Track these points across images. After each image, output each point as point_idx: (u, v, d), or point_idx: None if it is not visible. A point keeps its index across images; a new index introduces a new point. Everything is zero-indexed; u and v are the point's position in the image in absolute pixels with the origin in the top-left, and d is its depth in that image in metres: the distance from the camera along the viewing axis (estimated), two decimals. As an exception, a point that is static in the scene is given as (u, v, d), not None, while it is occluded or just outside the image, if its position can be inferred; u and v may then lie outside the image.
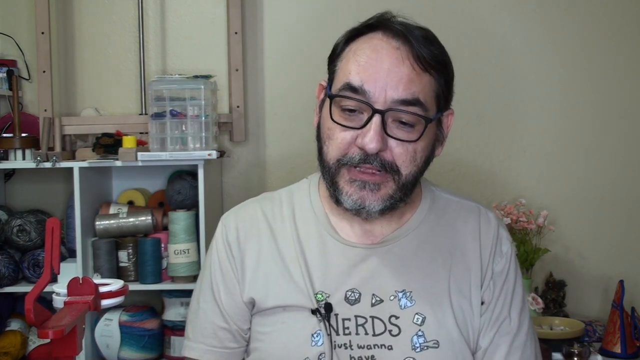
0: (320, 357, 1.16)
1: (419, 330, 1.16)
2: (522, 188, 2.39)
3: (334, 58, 1.21)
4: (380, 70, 1.12)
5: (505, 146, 2.41)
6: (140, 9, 2.35)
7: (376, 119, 1.11)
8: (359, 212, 1.17)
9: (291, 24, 2.40)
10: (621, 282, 2.15)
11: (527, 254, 2.21)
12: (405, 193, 1.17)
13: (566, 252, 2.39)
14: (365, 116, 1.13)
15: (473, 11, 2.40)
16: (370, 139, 1.10)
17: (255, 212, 1.28)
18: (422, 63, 1.13)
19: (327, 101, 1.17)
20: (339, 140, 1.14)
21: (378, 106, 1.11)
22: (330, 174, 1.17)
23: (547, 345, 1.98)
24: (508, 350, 1.20)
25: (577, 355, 1.95)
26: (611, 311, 2.14)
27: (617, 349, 2.09)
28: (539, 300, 2.19)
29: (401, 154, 1.13)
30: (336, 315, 1.17)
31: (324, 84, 1.23)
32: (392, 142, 1.13)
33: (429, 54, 1.14)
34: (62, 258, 2.17)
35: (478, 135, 2.40)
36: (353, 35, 1.19)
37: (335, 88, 1.17)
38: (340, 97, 1.14)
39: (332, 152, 1.16)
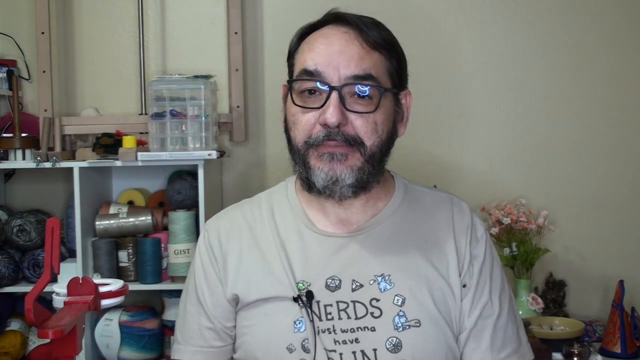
0: (304, 342, 1.19)
1: (400, 310, 1.20)
2: (522, 188, 2.39)
3: (289, 56, 1.28)
4: (332, 52, 1.19)
5: (505, 146, 2.41)
6: (140, 9, 2.35)
7: (334, 94, 1.17)
8: (332, 190, 1.20)
9: (291, 23, 2.38)
10: (621, 282, 2.15)
11: (527, 254, 2.21)
12: (373, 166, 1.21)
13: (566, 252, 2.39)
14: (324, 96, 1.18)
15: (467, 13, 2.40)
16: (330, 113, 1.16)
17: (236, 216, 1.34)
18: (370, 42, 1.20)
19: (289, 91, 1.24)
20: (303, 122, 1.20)
21: (334, 84, 1.18)
22: (301, 157, 1.22)
23: (547, 345, 1.98)
24: (493, 331, 1.24)
25: (577, 355, 1.95)
26: (611, 311, 2.15)
27: (617, 349, 2.09)
28: (539, 300, 2.19)
29: (362, 124, 1.19)
30: (318, 302, 1.21)
31: (287, 85, 1.28)
32: (352, 116, 1.18)
33: (377, 35, 1.21)
34: (62, 258, 2.17)
35: (478, 136, 2.40)
36: (305, 32, 1.27)
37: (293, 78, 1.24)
38: (297, 80, 1.21)
39: (299, 136, 1.21)
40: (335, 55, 1.18)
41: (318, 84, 1.18)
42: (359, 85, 1.18)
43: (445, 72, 2.37)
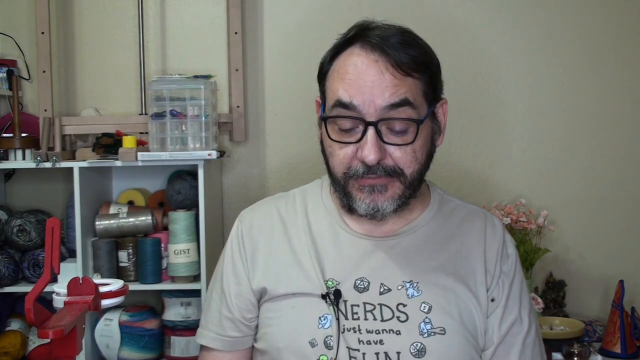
0: (327, 339, 1.20)
1: (426, 317, 1.21)
2: (522, 188, 2.39)
3: (321, 77, 1.26)
4: (364, 85, 1.17)
5: (505, 146, 2.41)
6: (140, 9, 2.35)
7: (370, 130, 1.16)
8: (374, 216, 1.23)
9: (291, 24, 2.40)
10: (621, 282, 2.15)
11: (527, 254, 2.21)
12: (413, 190, 1.23)
13: (566, 252, 2.39)
14: (360, 129, 1.18)
15: (466, 14, 2.40)
16: (368, 151, 1.16)
17: (270, 209, 1.36)
18: (402, 69, 1.18)
19: (323, 121, 1.23)
20: (340, 156, 1.21)
21: (370, 118, 1.16)
22: (340, 186, 1.23)
23: (547, 345, 1.98)
24: (521, 349, 1.26)
25: (577, 355, 1.95)
26: (611, 311, 2.15)
27: (617, 349, 2.09)
28: (539, 300, 2.19)
29: (401, 157, 1.19)
30: (345, 301, 1.22)
31: (319, 100, 1.29)
32: (390, 148, 1.18)
33: (408, 59, 1.18)
34: (62, 258, 2.17)
35: (478, 135, 2.40)
36: (335, 52, 1.24)
37: (327, 108, 1.22)
38: (332, 117, 1.20)
39: (337, 167, 1.22)
40: (368, 88, 1.16)
41: (353, 119, 1.17)
42: (397, 123, 1.17)
43: (444, 72, 2.37)
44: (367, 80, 1.16)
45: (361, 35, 1.21)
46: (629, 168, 2.39)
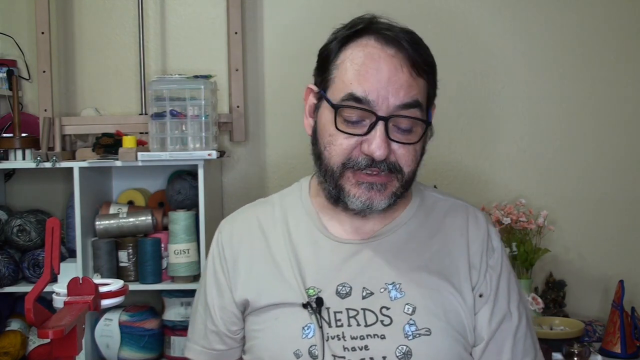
0: (311, 349, 1.18)
1: (410, 319, 1.19)
2: (522, 188, 2.39)
3: (327, 64, 1.23)
4: (381, 79, 1.15)
5: (505, 146, 2.41)
6: (140, 9, 2.35)
7: (380, 125, 1.15)
8: (363, 212, 1.21)
9: (291, 24, 2.40)
10: (621, 282, 2.15)
11: (527, 254, 2.22)
12: (406, 188, 1.23)
13: (566, 252, 2.39)
14: (367, 123, 1.17)
15: (466, 13, 2.40)
16: (377, 146, 1.15)
17: (249, 217, 1.34)
18: (417, 69, 1.18)
19: (329, 110, 1.20)
20: (343, 146, 1.18)
21: (381, 113, 1.15)
22: (334, 178, 1.21)
23: (547, 345, 1.98)
24: (513, 343, 1.24)
25: (577, 355, 1.95)
26: (611, 311, 2.15)
27: (617, 349, 2.09)
28: (539, 300, 2.19)
29: (404, 155, 1.18)
30: (328, 308, 1.20)
31: (313, 88, 1.26)
32: (394, 145, 1.18)
33: (421, 59, 1.19)
34: (62, 258, 2.17)
35: (478, 135, 2.40)
36: (344, 42, 1.21)
37: (336, 97, 1.19)
38: (344, 107, 1.17)
39: (336, 157, 1.19)
40: (384, 83, 1.15)
41: (365, 112, 1.16)
42: (404, 121, 1.17)
43: (445, 72, 2.37)
44: (383, 76, 1.15)
45: (372, 26, 1.20)
46: (628, 168, 2.40)
